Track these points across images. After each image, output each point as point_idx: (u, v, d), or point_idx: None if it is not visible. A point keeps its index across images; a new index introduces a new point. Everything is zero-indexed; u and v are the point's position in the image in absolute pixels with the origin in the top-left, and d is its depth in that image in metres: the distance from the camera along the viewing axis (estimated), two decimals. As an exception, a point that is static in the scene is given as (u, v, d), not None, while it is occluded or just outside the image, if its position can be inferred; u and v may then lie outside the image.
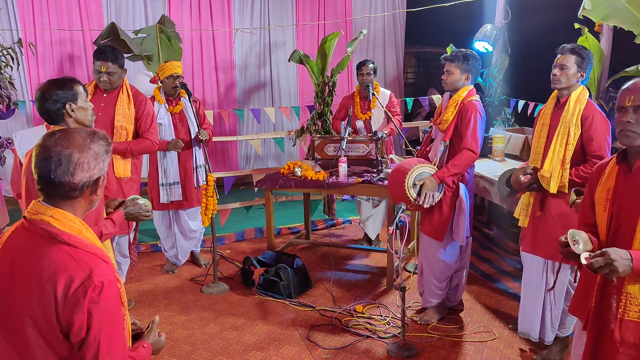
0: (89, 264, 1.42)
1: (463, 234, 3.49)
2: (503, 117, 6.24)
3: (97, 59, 3.63)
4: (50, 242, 1.44)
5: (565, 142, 2.91)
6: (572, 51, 2.93)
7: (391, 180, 3.57)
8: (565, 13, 5.11)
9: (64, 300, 1.39)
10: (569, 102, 2.94)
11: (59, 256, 1.42)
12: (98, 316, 1.40)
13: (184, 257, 4.69)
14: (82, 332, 1.40)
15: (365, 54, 7.90)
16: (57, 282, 1.39)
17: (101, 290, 1.41)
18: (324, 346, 3.43)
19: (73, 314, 1.39)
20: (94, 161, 1.48)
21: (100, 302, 1.41)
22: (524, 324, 3.28)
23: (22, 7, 6.14)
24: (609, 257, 1.72)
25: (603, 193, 1.96)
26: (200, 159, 4.49)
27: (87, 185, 1.48)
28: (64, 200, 1.48)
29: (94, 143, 1.50)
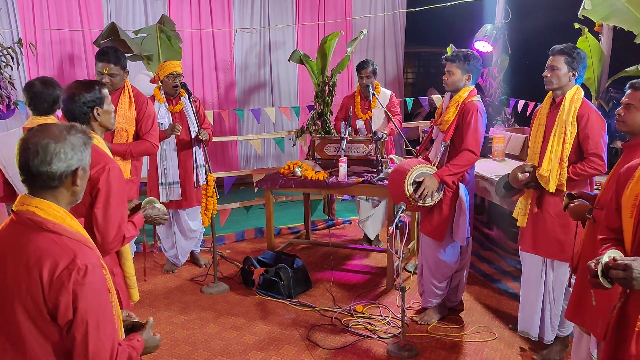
0: (73, 249, 1.49)
1: (463, 234, 3.48)
2: (503, 117, 6.24)
3: (99, 61, 3.61)
4: (36, 230, 1.50)
5: (563, 141, 2.94)
6: (561, 52, 2.97)
7: (391, 180, 3.58)
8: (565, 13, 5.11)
9: (49, 283, 1.45)
10: (564, 101, 2.98)
11: (44, 243, 1.48)
12: (84, 297, 1.46)
13: (184, 257, 4.69)
14: (68, 314, 1.46)
15: (365, 54, 7.90)
16: (42, 266, 1.45)
17: (85, 273, 1.47)
18: (324, 346, 3.43)
19: (58, 296, 1.44)
20: (70, 151, 1.53)
21: (85, 284, 1.46)
22: (523, 323, 3.29)
23: (22, 7, 6.14)
24: (630, 274, 1.64)
25: (631, 198, 1.84)
26: (200, 158, 4.49)
27: (66, 175, 1.53)
28: (45, 190, 1.53)
29: (71, 135, 1.55)
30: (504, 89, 6.29)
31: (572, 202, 2.56)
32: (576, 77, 3.00)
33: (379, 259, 4.92)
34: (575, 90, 2.99)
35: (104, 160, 2.25)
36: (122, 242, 2.29)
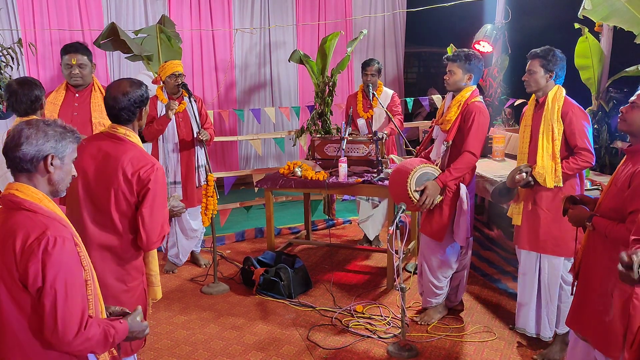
0: (45, 223, 1.60)
1: (464, 235, 3.49)
2: (503, 117, 6.24)
3: (65, 53, 3.62)
4: (15, 209, 1.63)
5: (552, 138, 3.06)
6: (536, 55, 3.15)
7: (393, 179, 3.57)
8: (565, 13, 5.12)
9: (21, 252, 1.56)
10: (547, 101, 3.10)
11: (20, 219, 1.60)
12: (53, 266, 1.55)
13: (185, 257, 4.69)
14: (37, 281, 1.55)
15: (365, 54, 7.89)
16: (16, 237, 1.57)
17: (55, 244, 1.57)
18: (324, 346, 3.43)
19: (28, 264, 1.55)
20: (42, 139, 1.63)
21: (53, 254, 1.56)
22: (520, 320, 3.33)
23: (22, 7, 6.14)
24: None
25: None
26: (201, 158, 4.49)
27: (37, 159, 1.63)
28: (20, 173, 1.66)
29: (48, 126, 1.67)
30: (504, 89, 6.29)
31: (571, 208, 2.54)
32: (554, 77, 3.13)
33: (379, 259, 4.92)
34: (557, 89, 3.11)
35: (152, 160, 2.29)
36: (162, 240, 2.35)
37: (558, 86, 3.13)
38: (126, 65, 6.71)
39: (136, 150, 2.31)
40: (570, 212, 2.51)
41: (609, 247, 2.26)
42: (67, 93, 3.69)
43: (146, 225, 2.23)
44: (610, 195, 2.34)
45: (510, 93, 6.31)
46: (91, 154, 2.30)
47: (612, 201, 2.30)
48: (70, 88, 3.71)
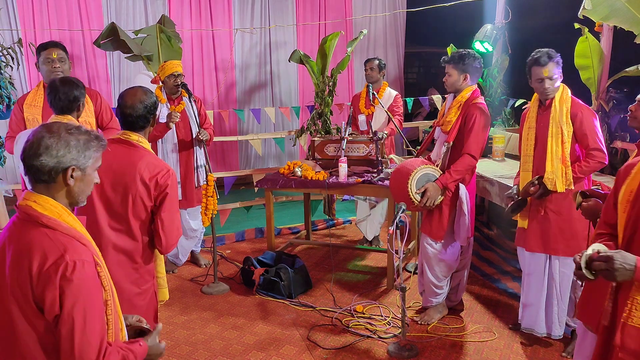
0: (64, 244, 1.49)
1: (464, 235, 3.49)
2: (503, 117, 6.24)
3: (44, 49, 3.60)
4: (31, 224, 1.52)
5: (561, 141, 3.02)
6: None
7: (394, 180, 3.56)
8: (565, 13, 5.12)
9: (37, 276, 1.46)
10: (554, 103, 3.05)
11: (37, 236, 1.50)
12: (71, 293, 1.45)
13: (184, 257, 4.69)
14: (54, 309, 1.46)
15: (365, 54, 7.89)
16: (32, 259, 1.47)
17: (74, 269, 1.46)
18: (324, 346, 3.43)
19: (45, 290, 1.45)
20: (63, 149, 1.53)
21: (72, 280, 1.46)
22: (527, 320, 3.32)
23: (22, 7, 6.14)
24: (611, 265, 1.70)
25: (626, 194, 1.90)
26: (200, 158, 4.49)
27: (56, 172, 1.53)
28: (39, 184, 1.55)
29: (70, 134, 1.55)
30: (504, 89, 6.29)
31: (585, 201, 2.55)
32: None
33: (379, 259, 4.92)
34: (562, 90, 3.07)
35: (166, 166, 2.34)
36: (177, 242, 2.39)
37: (563, 86, 3.09)
38: (126, 65, 6.71)
39: (150, 156, 2.35)
40: (584, 205, 2.52)
41: None
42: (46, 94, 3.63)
43: (166, 228, 2.29)
44: None
45: (510, 93, 6.31)
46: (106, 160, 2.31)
47: None
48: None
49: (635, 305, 1.78)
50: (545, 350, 3.32)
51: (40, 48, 3.64)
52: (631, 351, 1.78)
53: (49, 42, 3.68)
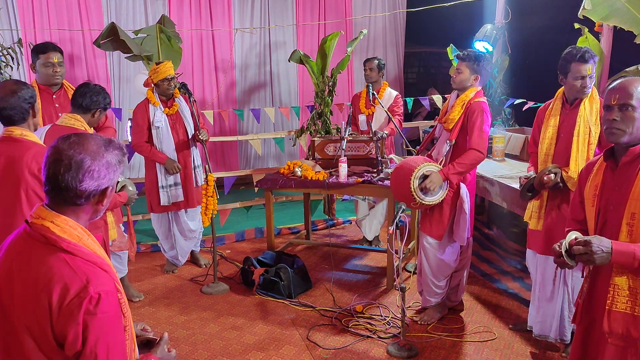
0: (86, 274, 1.38)
1: (464, 234, 3.48)
2: (503, 117, 6.24)
3: (43, 52, 3.57)
4: (49, 248, 1.39)
5: (588, 142, 2.95)
6: (592, 57, 2.96)
7: (395, 177, 3.54)
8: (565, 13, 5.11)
9: (58, 310, 1.35)
10: (584, 102, 2.98)
11: (56, 264, 1.38)
12: (95, 328, 1.36)
13: (184, 258, 4.69)
14: (77, 344, 1.36)
15: (365, 54, 7.90)
16: (52, 291, 1.35)
17: (98, 302, 1.36)
18: (324, 346, 3.43)
19: (67, 326, 1.35)
20: (104, 170, 1.44)
21: (97, 313, 1.36)
22: (540, 327, 3.26)
23: (22, 7, 6.14)
24: (589, 248, 1.80)
25: (591, 189, 2.03)
26: (197, 159, 4.49)
27: (94, 195, 1.45)
28: (68, 206, 1.44)
29: (108, 152, 1.46)
30: (504, 89, 6.30)
31: None
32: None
33: (379, 259, 4.92)
34: (592, 89, 3.00)
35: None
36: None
37: (594, 88, 3.02)
38: (126, 65, 6.71)
39: (38, 147, 2.32)
40: None
41: None
42: (42, 94, 3.61)
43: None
44: None
45: (510, 93, 6.31)
46: None
47: None
48: (44, 89, 3.63)
49: (616, 290, 1.90)
50: (545, 350, 3.32)
51: (38, 50, 3.60)
52: (619, 335, 1.88)
53: (47, 45, 3.63)
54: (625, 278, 1.88)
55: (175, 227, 4.53)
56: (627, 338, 1.87)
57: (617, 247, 1.81)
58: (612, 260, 1.81)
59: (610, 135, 1.95)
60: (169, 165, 4.28)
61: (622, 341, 1.88)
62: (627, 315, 1.87)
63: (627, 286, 1.87)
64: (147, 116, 4.27)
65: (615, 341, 1.89)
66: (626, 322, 1.87)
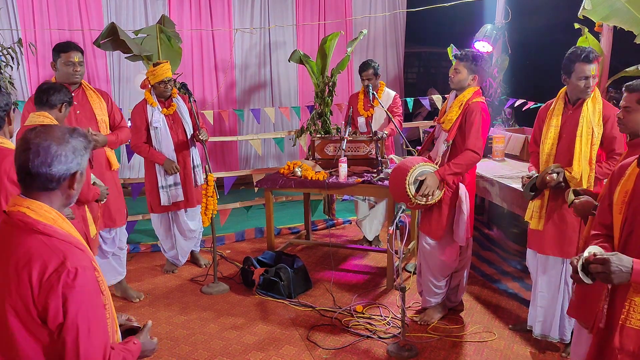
0: (63, 251, 1.47)
1: (463, 235, 3.48)
2: (503, 117, 6.24)
3: (64, 51, 3.61)
4: (26, 232, 1.49)
5: (591, 143, 2.95)
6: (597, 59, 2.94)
7: (392, 178, 3.57)
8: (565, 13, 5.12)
9: (38, 286, 1.44)
10: (587, 103, 2.97)
11: (34, 244, 1.47)
12: (74, 301, 1.44)
13: (184, 258, 4.68)
14: (58, 317, 1.44)
15: (365, 54, 7.90)
16: (32, 269, 1.44)
17: (75, 276, 1.45)
18: (324, 346, 3.43)
19: (48, 299, 1.43)
20: (71, 155, 1.53)
21: (75, 287, 1.45)
22: (541, 327, 3.26)
23: (22, 7, 6.14)
24: (608, 268, 1.70)
25: (621, 195, 1.91)
26: (196, 158, 4.49)
27: (64, 178, 1.53)
28: (41, 191, 1.52)
29: (74, 138, 1.55)
30: (504, 89, 6.30)
31: (577, 199, 2.57)
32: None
33: (379, 259, 4.92)
34: (597, 91, 2.99)
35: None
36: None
37: (596, 88, 3.01)
38: (126, 65, 6.71)
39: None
40: (576, 203, 2.54)
41: None
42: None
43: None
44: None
45: (510, 93, 6.31)
46: None
47: None
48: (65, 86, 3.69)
49: (633, 307, 1.80)
50: (545, 351, 3.32)
51: (59, 49, 3.64)
52: (630, 352, 1.80)
53: (69, 44, 3.67)
54: None
55: (175, 227, 4.53)
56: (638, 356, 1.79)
57: (638, 266, 1.69)
58: (632, 280, 1.70)
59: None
60: (167, 166, 4.29)
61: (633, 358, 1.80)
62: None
63: None
64: (145, 117, 4.28)
65: (625, 358, 1.81)
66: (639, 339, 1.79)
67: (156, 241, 5.15)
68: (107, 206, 3.80)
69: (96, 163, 3.71)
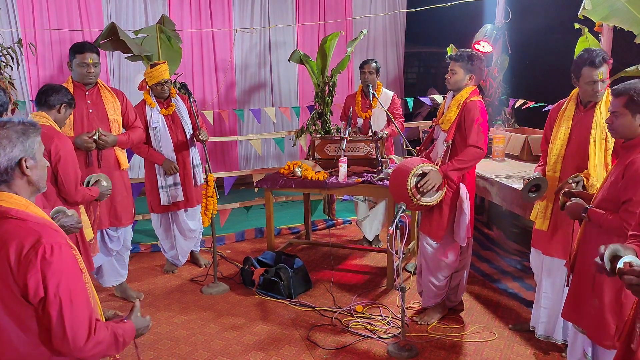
0: (38, 231, 1.53)
1: (463, 235, 3.48)
2: (503, 117, 6.24)
3: (79, 52, 3.63)
4: (1, 219, 1.54)
5: (605, 147, 2.88)
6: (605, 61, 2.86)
7: (393, 178, 3.56)
8: (565, 13, 5.11)
9: (17, 264, 1.48)
10: (600, 106, 2.91)
11: (9, 228, 1.52)
12: (53, 274, 1.49)
13: (184, 257, 4.68)
14: (39, 292, 1.49)
15: (365, 54, 7.90)
16: (9, 249, 1.49)
17: (52, 251, 1.50)
18: (324, 346, 3.43)
19: (27, 274, 1.48)
20: (9, 146, 1.56)
21: (52, 262, 1.50)
22: (545, 328, 3.24)
23: (22, 7, 6.14)
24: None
25: None
26: (196, 158, 4.49)
27: (11, 168, 1.57)
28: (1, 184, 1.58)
29: (7, 129, 1.58)
30: (504, 89, 6.29)
31: (568, 201, 2.57)
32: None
33: (379, 259, 4.92)
34: (607, 93, 2.92)
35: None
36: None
37: (608, 89, 2.92)
38: (126, 65, 6.71)
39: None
40: (568, 205, 2.56)
41: (604, 238, 2.29)
42: (76, 91, 3.68)
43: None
44: (605, 187, 2.43)
45: (510, 93, 6.31)
46: None
47: (607, 192, 2.39)
48: (78, 86, 3.70)
49: None
50: (546, 351, 3.32)
51: (75, 50, 3.66)
52: None
53: (84, 45, 3.68)
54: None
55: (175, 227, 4.53)
56: None
57: None
58: None
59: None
60: (166, 166, 4.29)
61: None
62: None
63: None
64: (144, 117, 4.28)
65: None
66: None
67: (156, 241, 5.15)
68: (114, 205, 3.81)
69: (105, 162, 3.72)
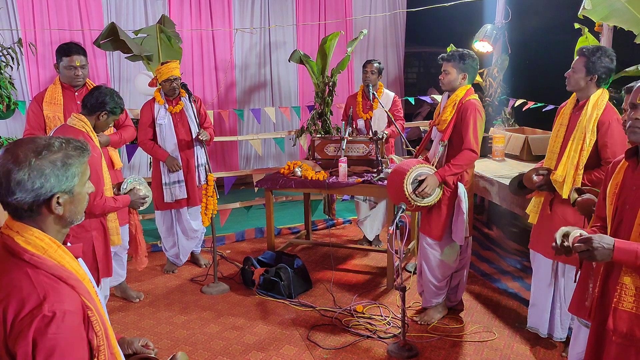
0: (45, 290, 1.32)
1: (462, 234, 3.49)
2: (503, 117, 6.24)
3: (65, 55, 3.62)
4: (14, 259, 1.35)
5: (580, 148, 2.89)
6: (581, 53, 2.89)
7: (390, 180, 3.58)
8: (565, 13, 5.11)
9: (11, 326, 1.30)
10: (587, 106, 2.91)
11: (17, 276, 1.33)
12: (44, 348, 1.29)
13: (185, 257, 4.69)
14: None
15: (365, 54, 7.90)
16: (9, 304, 1.31)
17: (50, 321, 1.29)
18: (324, 346, 3.43)
19: (17, 343, 1.29)
20: (39, 180, 1.33)
21: (47, 333, 1.29)
22: (533, 319, 3.32)
23: (22, 7, 6.14)
24: (590, 245, 1.81)
25: (612, 187, 2.02)
26: (201, 157, 4.50)
27: (38, 205, 1.35)
28: (22, 217, 1.37)
29: (42, 158, 1.34)
30: (504, 89, 6.30)
31: (580, 197, 2.58)
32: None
33: (379, 259, 4.92)
34: (600, 94, 2.91)
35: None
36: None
37: (603, 90, 2.92)
38: (126, 65, 6.71)
39: None
40: (579, 201, 2.57)
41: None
42: (64, 92, 3.70)
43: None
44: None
45: (510, 93, 6.31)
46: None
47: None
48: (67, 87, 3.72)
49: (624, 290, 1.90)
50: (545, 351, 3.33)
51: (62, 52, 3.64)
52: (623, 334, 1.89)
53: (70, 47, 3.66)
54: (633, 277, 1.87)
55: (177, 226, 4.54)
56: (630, 337, 1.87)
57: (620, 244, 1.79)
58: (614, 258, 1.80)
59: (632, 134, 1.89)
60: (169, 163, 4.31)
61: (626, 340, 1.88)
62: (632, 314, 1.87)
63: (634, 285, 1.87)
64: (152, 114, 4.33)
65: (618, 339, 1.89)
66: (631, 321, 1.87)
67: (156, 241, 5.15)
68: None
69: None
